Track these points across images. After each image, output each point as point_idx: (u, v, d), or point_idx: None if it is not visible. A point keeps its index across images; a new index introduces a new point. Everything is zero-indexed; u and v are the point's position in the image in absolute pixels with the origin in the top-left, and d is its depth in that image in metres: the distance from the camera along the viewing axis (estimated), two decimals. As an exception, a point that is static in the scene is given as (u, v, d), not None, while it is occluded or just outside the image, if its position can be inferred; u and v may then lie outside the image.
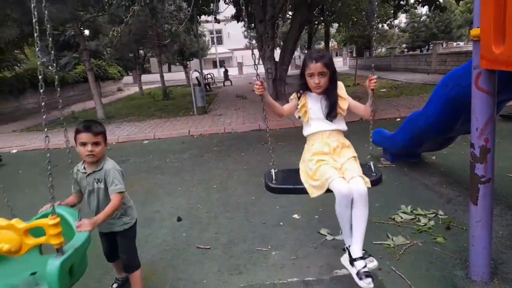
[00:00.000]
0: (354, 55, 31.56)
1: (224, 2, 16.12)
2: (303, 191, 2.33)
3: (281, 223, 3.66)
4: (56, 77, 1.91)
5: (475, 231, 2.43)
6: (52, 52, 1.77)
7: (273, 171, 2.51)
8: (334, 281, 2.64)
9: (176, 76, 34.79)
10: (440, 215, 3.50)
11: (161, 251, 3.31)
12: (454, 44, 35.91)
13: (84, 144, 2.14)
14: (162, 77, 18.33)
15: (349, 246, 2.26)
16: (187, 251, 3.26)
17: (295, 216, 3.80)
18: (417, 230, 3.26)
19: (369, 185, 2.19)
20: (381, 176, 2.38)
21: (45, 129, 1.76)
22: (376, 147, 5.01)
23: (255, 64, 2.52)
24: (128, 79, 34.75)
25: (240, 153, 6.63)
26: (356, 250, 2.19)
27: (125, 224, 2.37)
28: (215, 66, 39.87)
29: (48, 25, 1.79)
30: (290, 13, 17.65)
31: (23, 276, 1.89)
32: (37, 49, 1.76)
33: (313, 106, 2.45)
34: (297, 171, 2.47)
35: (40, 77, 1.74)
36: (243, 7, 3.57)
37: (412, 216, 3.52)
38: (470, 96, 2.84)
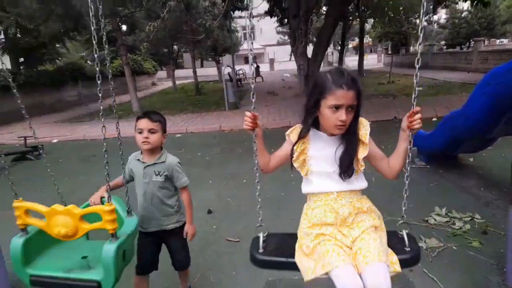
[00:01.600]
0: (390, 52, 30.73)
1: (258, -3, 16.12)
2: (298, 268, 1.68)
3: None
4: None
5: (515, 236, 2.34)
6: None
7: (261, 235, 1.82)
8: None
9: (208, 71, 35.24)
10: (477, 218, 3.38)
11: (192, 242, 3.36)
12: (497, 41, 34.20)
13: (140, 131, 2.12)
14: (194, 72, 18.62)
15: None
16: (217, 243, 3.34)
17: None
18: (451, 233, 3.17)
19: (398, 269, 1.52)
20: (419, 252, 1.65)
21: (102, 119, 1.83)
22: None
23: (252, 64, 1.82)
24: (162, 74, 35.57)
25: (271, 149, 6.48)
26: None
27: (178, 222, 2.26)
28: (246, 62, 40.03)
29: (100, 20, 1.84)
30: (324, 8, 17.45)
31: (75, 259, 1.97)
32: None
33: (316, 153, 1.69)
34: (294, 237, 1.77)
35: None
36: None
37: (446, 219, 3.42)
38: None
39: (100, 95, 1.85)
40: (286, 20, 15.34)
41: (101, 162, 2.29)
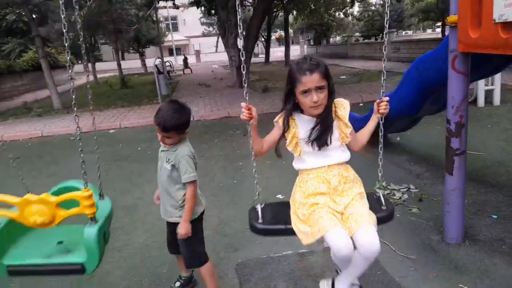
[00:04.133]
0: (312, 43, 32.14)
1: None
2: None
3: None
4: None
5: (450, 198, 2.72)
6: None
7: (259, 206, 1.96)
8: (327, 252, 2.82)
9: (130, 64, 33.62)
10: (412, 189, 3.82)
11: (153, 235, 3.36)
12: (403, 33, 37.63)
13: (158, 132, 2.11)
14: (119, 65, 17.71)
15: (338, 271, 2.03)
16: (180, 234, 3.32)
17: (279, 196, 3.96)
18: (393, 203, 3.55)
19: (375, 224, 1.74)
20: (393, 210, 1.93)
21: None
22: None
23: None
24: (79, 67, 33.11)
25: (214, 139, 6.68)
26: (341, 285, 1.95)
27: (180, 217, 2.14)
28: (171, 53, 38.95)
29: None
30: (250, 0, 17.67)
31: (51, 245, 1.97)
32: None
33: (305, 135, 1.88)
34: (287, 205, 2.00)
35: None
36: None
37: (387, 191, 3.81)
38: (440, 79, 3.13)
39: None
40: (213, 11, 15.25)
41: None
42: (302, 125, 1.89)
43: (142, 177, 4.98)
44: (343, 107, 1.90)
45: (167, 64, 21.69)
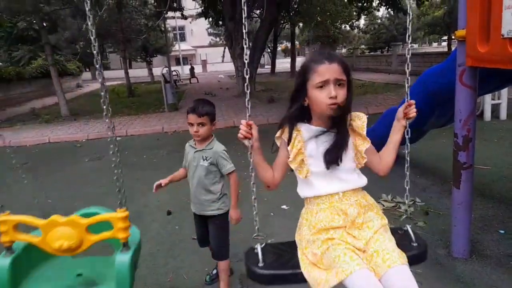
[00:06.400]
0: (318, 55, 32.18)
1: (192, -2, 16.00)
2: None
3: (272, 214, 3.81)
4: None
5: (457, 212, 2.70)
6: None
7: (259, 247, 1.62)
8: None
9: (137, 73, 33.98)
10: (418, 202, 3.80)
11: (157, 243, 3.36)
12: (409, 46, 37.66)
13: (191, 124, 2.23)
14: (127, 73, 17.88)
15: None
16: (184, 242, 3.32)
17: (284, 207, 3.95)
18: (399, 216, 3.52)
19: (407, 263, 1.36)
20: (426, 247, 1.58)
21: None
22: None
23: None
24: (87, 75, 33.52)
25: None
26: None
27: (218, 210, 2.36)
28: (178, 63, 39.31)
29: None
30: (257, 12, 17.84)
31: (69, 278, 1.76)
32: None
33: (315, 151, 1.51)
34: (293, 245, 1.63)
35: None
36: None
37: (393, 204, 3.79)
38: (447, 92, 3.12)
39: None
40: (221, 22, 15.42)
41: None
42: (311, 139, 1.53)
43: (147, 184, 4.96)
44: (358, 118, 1.54)
45: (174, 73, 21.91)
